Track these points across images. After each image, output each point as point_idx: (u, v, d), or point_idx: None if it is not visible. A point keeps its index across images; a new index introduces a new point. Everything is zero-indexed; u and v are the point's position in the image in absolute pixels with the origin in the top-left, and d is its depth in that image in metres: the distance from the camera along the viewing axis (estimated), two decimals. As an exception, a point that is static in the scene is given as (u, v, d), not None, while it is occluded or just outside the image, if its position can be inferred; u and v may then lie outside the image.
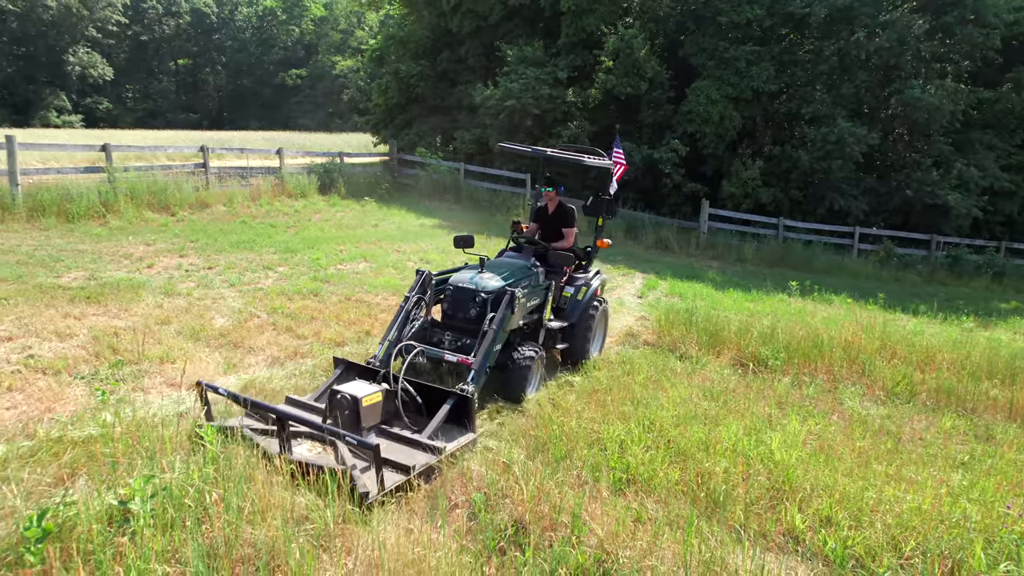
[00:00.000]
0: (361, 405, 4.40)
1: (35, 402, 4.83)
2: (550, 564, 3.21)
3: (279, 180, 17.74)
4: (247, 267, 9.80)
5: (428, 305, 5.94)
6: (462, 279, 5.85)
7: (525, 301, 5.74)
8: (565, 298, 6.73)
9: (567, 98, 21.07)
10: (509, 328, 5.49)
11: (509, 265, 6.22)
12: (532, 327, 6.24)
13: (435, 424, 4.53)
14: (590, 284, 6.84)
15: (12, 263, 8.77)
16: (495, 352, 5.30)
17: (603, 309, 7.03)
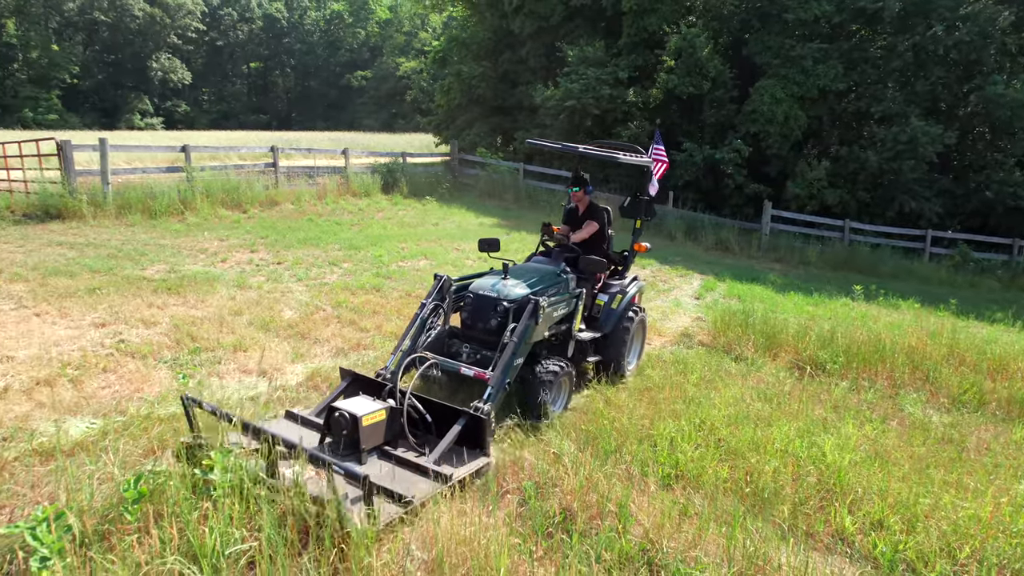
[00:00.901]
0: (361, 425, 3.99)
1: (126, 383, 5.26)
2: (596, 550, 3.34)
3: (344, 179, 18.34)
4: (313, 263, 10.24)
5: (446, 313, 5.53)
6: (483, 286, 5.44)
7: (551, 311, 5.27)
8: (598, 306, 6.28)
9: (627, 98, 21.01)
10: (533, 340, 5.04)
11: (536, 271, 5.79)
12: (560, 339, 5.75)
13: (443, 447, 4.11)
14: (626, 291, 6.37)
15: (103, 256, 9.45)
16: (516, 367, 4.83)
17: (640, 319, 6.52)
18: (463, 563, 3.04)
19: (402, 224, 15.40)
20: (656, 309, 9.55)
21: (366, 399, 4.30)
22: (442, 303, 5.48)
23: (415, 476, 3.89)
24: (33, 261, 8.83)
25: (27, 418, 4.50)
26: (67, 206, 12.24)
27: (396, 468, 4.01)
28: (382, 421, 4.15)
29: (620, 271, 6.68)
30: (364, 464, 3.99)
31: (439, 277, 5.52)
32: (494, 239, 6.13)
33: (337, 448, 4.09)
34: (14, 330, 6.19)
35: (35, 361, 5.49)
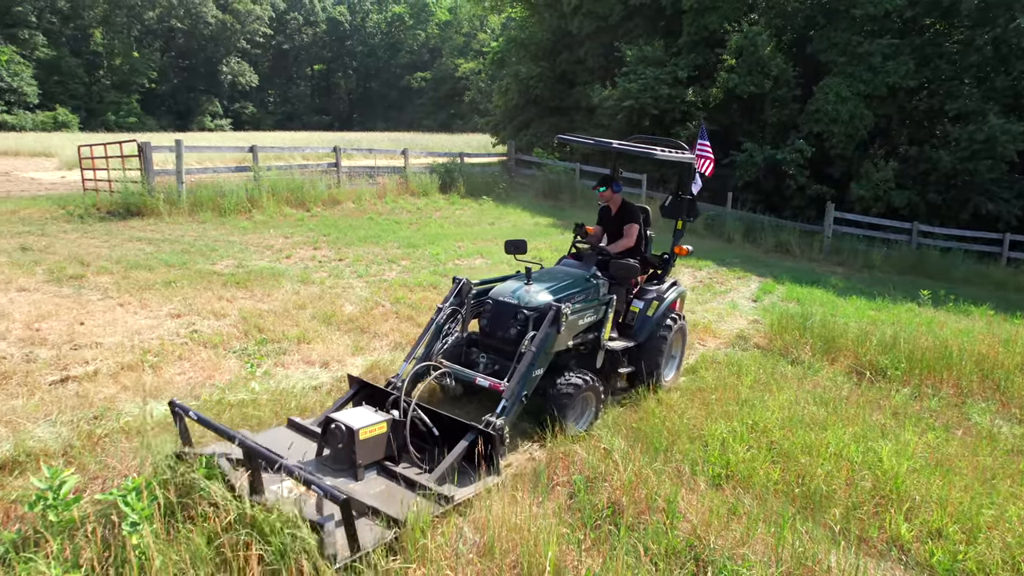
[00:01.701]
0: (357, 438, 3.74)
1: (199, 370, 5.60)
2: (643, 543, 3.40)
3: (403, 179, 18.76)
4: (373, 260, 10.55)
5: (465, 319, 5.26)
6: (503, 292, 5.17)
7: (576, 319, 4.91)
8: (632, 313, 5.87)
9: (687, 98, 20.78)
10: (554, 350, 4.73)
11: (562, 275, 5.45)
12: (589, 348, 5.37)
13: (446, 465, 3.82)
14: (664, 297, 5.95)
15: (178, 251, 9.99)
16: (534, 378, 4.51)
17: (680, 327, 6.06)
18: (513, 549, 3.16)
19: (459, 223, 15.66)
20: (712, 311, 9.47)
21: (367, 410, 4.07)
22: (460, 308, 5.25)
23: (414, 496, 3.58)
24: (117, 255, 9.42)
25: (114, 399, 4.86)
26: (146, 204, 12.96)
27: (394, 486, 3.74)
28: (382, 435, 3.90)
29: (660, 275, 6.32)
30: (361, 480, 3.76)
31: (457, 280, 5.30)
32: (521, 240, 5.82)
33: (333, 462, 3.86)
34: (101, 319, 6.64)
35: (120, 348, 5.89)
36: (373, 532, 3.23)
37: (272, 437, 4.13)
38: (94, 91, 58.64)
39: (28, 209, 13.16)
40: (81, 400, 4.80)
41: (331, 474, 3.76)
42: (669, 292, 6.06)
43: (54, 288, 7.58)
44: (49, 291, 7.45)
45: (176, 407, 3.70)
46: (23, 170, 22.16)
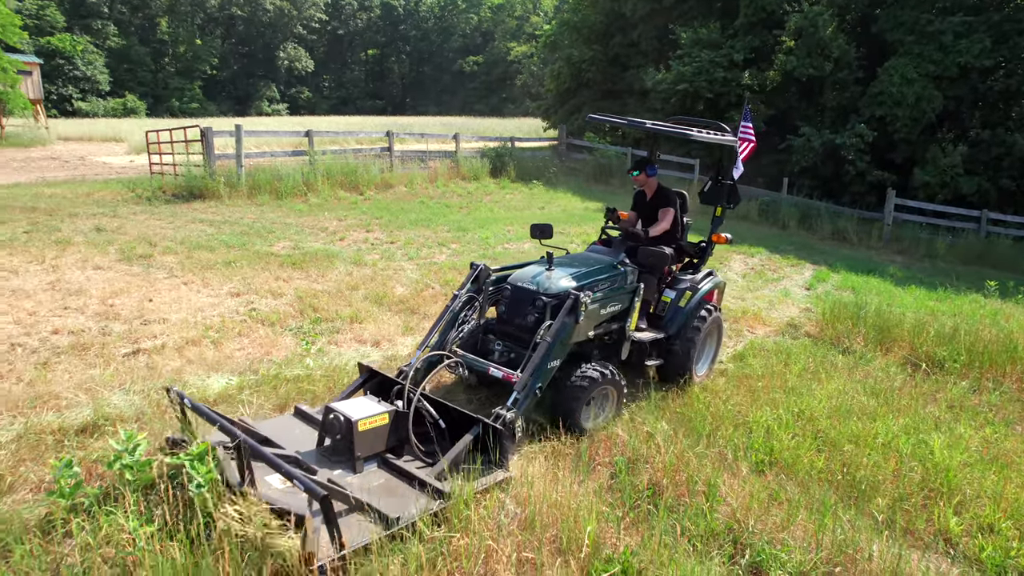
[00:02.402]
0: (356, 430, 3.62)
1: (257, 346, 5.87)
2: (682, 524, 3.46)
3: (454, 163, 18.94)
4: (424, 243, 10.75)
5: (482, 306, 5.04)
6: (522, 277, 4.97)
7: (597, 308, 4.74)
8: (664, 304, 5.60)
9: (742, 81, 20.29)
10: (573, 340, 4.55)
11: (587, 261, 5.22)
12: (614, 339, 5.18)
13: (449, 459, 3.67)
14: (698, 288, 5.65)
15: (237, 233, 10.39)
16: (550, 369, 4.33)
17: (714, 319, 5.74)
18: (553, 524, 3.26)
19: (509, 207, 15.75)
20: (762, 298, 9.34)
21: (370, 401, 3.97)
22: (478, 295, 5.03)
23: (413, 491, 3.49)
24: (181, 236, 9.86)
25: (180, 372, 5.15)
26: (207, 187, 13.47)
27: (394, 480, 3.64)
28: (383, 426, 3.76)
29: (696, 264, 6.04)
30: (360, 473, 3.65)
31: (475, 266, 5.09)
32: (547, 224, 5.54)
33: (332, 453, 3.77)
34: (167, 296, 7.01)
35: (184, 324, 6.22)
36: (362, 529, 3.06)
37: (277, 425, 4.09)
38: (160, 78, 60.86)
39: (101, 192, 13.85)
40: (150, 371, 5.11)
41: (329, 465, 3.63)
42: (704, 282, 5.74)
43: (125, 267, 8.01)
44: (121, 269, 7.88)
45: (173, 393, 3.63)
46: (96, 154, 23.26)
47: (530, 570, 2.99)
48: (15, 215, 10.66)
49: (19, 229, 9.57)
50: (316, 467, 3.47)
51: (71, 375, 4.97)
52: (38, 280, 7.20)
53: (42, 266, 7.75)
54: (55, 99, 49.43)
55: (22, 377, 4.88)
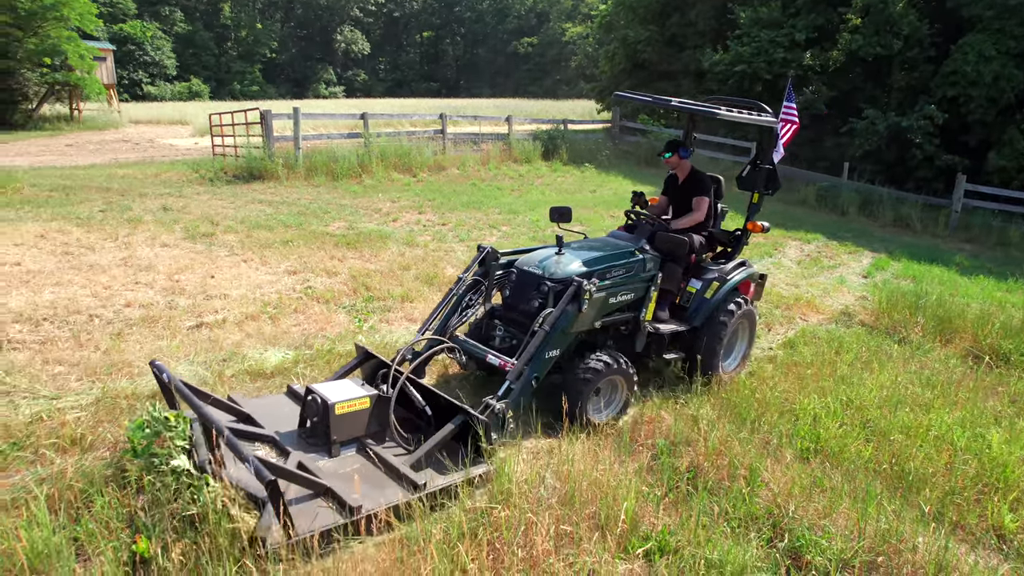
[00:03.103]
0: (332, 413, 3.54)
1: (312, 323, 6.10)
2: (720, 506, 3.48)
3: (507, 146, 18.98)
4: (474, 225, 10.87)
5: (488, 290, 4.91)
6: (529, 261, 4.77)
7: (605, 296, 4.50)
8: (689, 295, 5.31)
9: (803, 61, 19.61)
10: (575, 330, 4.35)
11: (602, 247, 4.98)
12: (629, 329, 4.93)
13: (425, 449, 3.57)
14: (727, 278, 5.33)
15: (294, 213, 10.72)
16: (548, 359, 4.14)
17: (745, 313, 5.39)
18: (592, 500, 3.34)
19: (560, 190, 15.73)
20: (817, 285, 9.13)
21: (353, 384, 3.86)
22: (484, 278, 4.91)
23: (387, 479, 3.42)
24: (241, 216, 10.24)
25: (239, 345, 5.41)
26: (266, 168, 13.91)
27: (369, 467, 3.54)
28: (363, 411, 3.67)
29: (730, 253, 5.69)
30: (335, 457, 3.59)
31: (482, 248, 4.95)
32: (565, 208, 5.28)
33: (310, 435, 3.73)
34: (228, 273, 7.33)
35: (244, 300, 6.50)
36: (320, 516, 3.00)
37: (265, 403, 4.07)
38: (222, 62, 62.63)
39: (168, 172, 14.47)
40: (212, 343, 5.39)
41: (306, 448, 3.60)
42: (735, 273, 5.39)
43: (189, 244, 8.39)
44: (186, 247, 8.26)
45: (155, 368, 3.65)
46: (163, 137, 24.21)
47: (568, 543, 3.08)
48: (92, 195, 11.25)
49: (95, 208, 10.10)
50: (291, 448, 3.47)
51: (141, 345, 5.28)
52: (112, 256, 7.62)
53: (116, 243, 8.19)
54: (126, 84, 51.45)
55: (99, 346, 5.21)
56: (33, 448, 3.61)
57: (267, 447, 3.57)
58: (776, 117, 5.56)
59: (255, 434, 3.58)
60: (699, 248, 5.35)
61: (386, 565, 2.79)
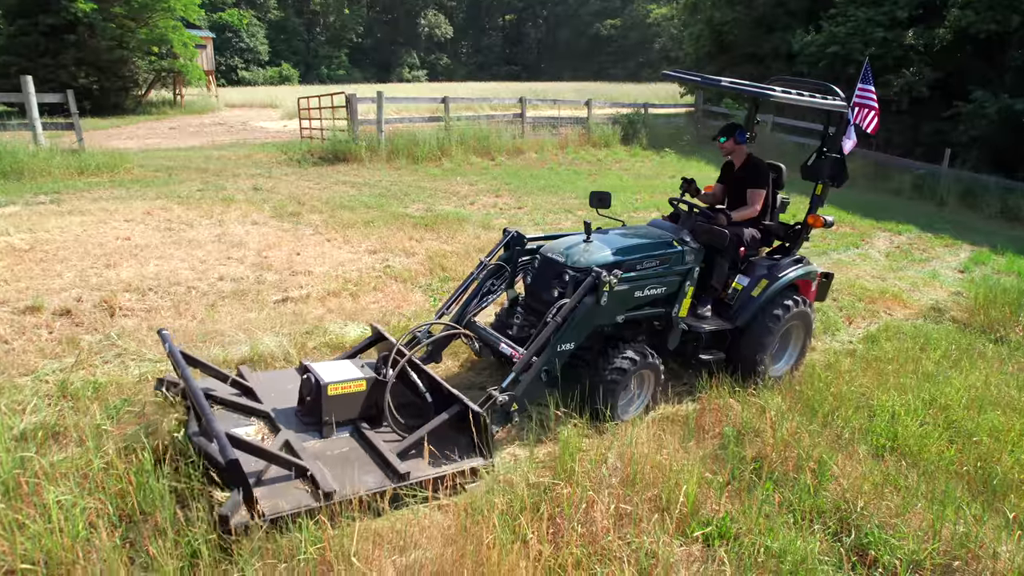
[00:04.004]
0: (325, 393, 3.51)
1: (390, 300, 6.35)
2: (784, 496, 3.45)
3: (585, 130, 18.86)
4: (550, 209, 10.92)
5: (511, 276, 4.76)
6: (554, 247, 4.54)
7: (629, 289, 4.26)
8: (735, 291, 4.96)
9: (905, 41, 18.47)
10: (594, 323, 4.13)
11: (636, 236, 4.71)
12: (663, 324, 4.68)
13: (415, 438, 3.48)
14: (778, 276, 4.92)
15: (376, 195, 11.08)
16: (561, 352, 3.95)
17: (798, 314, 5.01)
18: (654, 483, 3.38)
19: (638, 176, 15.53)
20: (905, 279, 8.70)
21: (352, 365, 3.81)
22: (508, 264, 4.75)
23: (372, 465, 3.34)
24: (326, 196, 10.68)
25: (321, 319, 5.71)
26: (350, 151, 14.38)
27: (359, 451, 3.47)
28: (358, 393, 3.61)
29: (789, 248, 5.32)
30: (327, 438, 3.54)
31: (507, 232, 4.79)
32: (605, 193, 5.03)
33: (305, 414, 3.69)
34: (313, 251, 7.69)
35: (327, 277, 6.82)
36: (290, 498, 2.96)
37: (272, 378, 4.07)
38: (311, 47, 64.79)
39: (259, 154, 15.19)
40: (296, 317, 5.70)
41: (299, 427, 3.58)
42: (788, 270, 4.99)
43: (277, 223, 8.84)
44: (274, 225, 8.71)
45: (161, 336, 3.73)
46: (255, 120, 25.37)
47: (627, 522, 3.14)
48: (191, 175, 12.00)
49: (194, 187, 10.77)
50: (282, 426, 3.49)
51: (232, 317, 5.65)
52: (208, 232, 8.14)
53: (211, 220, 8.73)
54: (223, 69, 54.01)
55: (196, 316, 5.62)
56: (140, 404, 3.96)
57: (261, 423, 3.59)
58: (847, 101, 5.13)
59: (251, 408, 3.61)
60: (750, 242, 5.02)
61: (451, 532, 2.93)
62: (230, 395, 3.73)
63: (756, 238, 5.09)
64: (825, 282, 5.48)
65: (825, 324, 6.62)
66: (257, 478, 3.03)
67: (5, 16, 25.56)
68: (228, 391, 3.77)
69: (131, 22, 26.05)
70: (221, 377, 3.85)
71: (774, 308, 4.87)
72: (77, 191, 9.96)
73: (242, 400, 3.70)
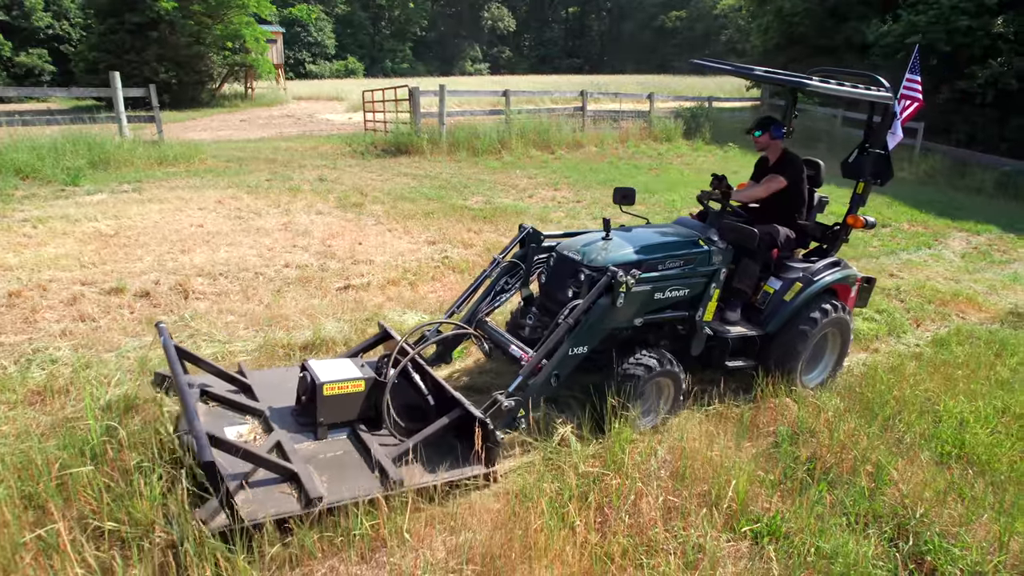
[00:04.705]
0: (320, 393, 3.36)
1: (447, 290, 6.47)
2: (838, 498, 3.38)
3: (647, 124, 18.65)
4: (608, 203, 10.87)
5: (526, 274, 4.55)
6: (571, 245, 4.34)
7: (650, 290, 4.00)
8: (766, 295, 4.66)
9: (992, 28, 17.48)
10: (608, 326, 3.85)
11: (659, 234, 4.44)
12: (687, 329, 4.40)
13: (412, 443, 3.29)
14: (812, 279, 4.61)
15: (436, 187, 11.27)
16: (572, 356, 3.69)
17: (835, 320, 4.68)
18: (704, 479, 3.37)
19: (700, 171, 15.26)
20: (982, 281, 8.31)
21: (352, 364, 3.65)
22: (523, 261, 4.55)
23: (365, 470, 3.20)
24: (387, 187, 10.93)
25: (381, 307, 5.88)
26: (412, 143, 14.65)
27: (354, 455, 3.33)
28: (357, 394, 3.45)
29: (827, 250, 5.02)
30: (322, 440, 3.42)
31: (523, 228, 4.58)
32: (629, 189, 4.74)
33: (301, 413, 3.56)
34: (375, 241, 7.91)
35: (387, 266, 7.01)
36: (274, 503, 2.84)
37: (273, 376, 3.97)
38: (376, 41, 66.08)
39: (324, 146, 15.65)
40: (357, 304, 5.89)
41: (295, 427, 3.46)
42: (824, 274, 4.67)
43: (341, 213, 9.11)
44: (338, 215, 8.98)
45: (158, 328, 3.64)
46: (321, 112, 26.08)
47: (675, 516, 3.15)
48: (260, 166, 12.47)
49: (262, 177, 11.20)
50: (276, 426, 3.38)
51: (297, 302, 5.88)
52: (275, 221, 8.46)
53: (278, 209, 9.07)
54: (292, 63, 55.68)
55: (262, 300, 5.88)
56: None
57: (257, 421, 3.51)
58: (893, 93, 4.74)
59: (246, 407, 3.54)
60: (784, 242, 4.73)
61: (502, 517, 3.00)
62: (227, 392, 3.64)
63: (791, 238, 4.82)
64: (867, 287, 5.17)
65: (891, 326, 6.40)
66: (243, 479, 2.92)
67: (97, 15, 27.08)
68: (226, 388, 3.69)
69: (208, 19, 27.17)
70: (219, 374, 3.74)
71: (808, 314, 4.57)
72: (156, 180, 10.50)
73: (239, 398, 3.61)
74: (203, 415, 3.30)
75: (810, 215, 5.13)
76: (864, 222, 4.81)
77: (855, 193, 4.92)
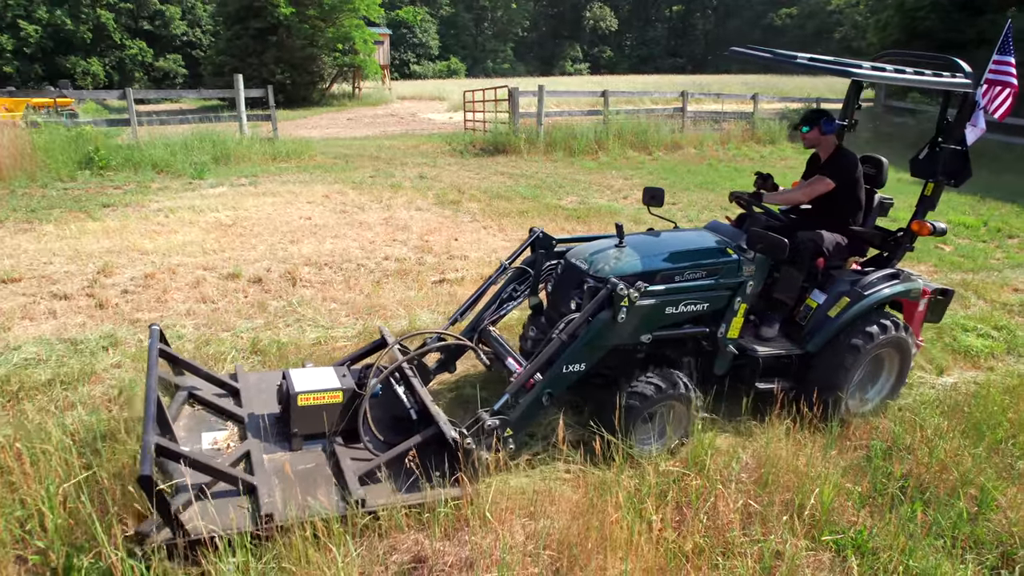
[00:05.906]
0: (294, 404, 3.23)
1: (537, 287, 6.60)
2: (934, 518, 3.23)
3: (750, 125, 18.09)
4: (705, 205, 10.68)
5: (535, 281, 4.25)
6: (580, 252, 4.00)
7: (660, 304, 3.59)
8: (808, 309, 4.16)
9: None
10: (609, 343, 3.47)
11: (678, 242, 4.07)
12: (712, 346, 3.96)
13: (382, 460, 3.13)
14: (864, 293, 4.05)
15: (532, 186, 11.44)
16: (568, 374, 3.37)
17: (892, 340, 4.11)
18: (787, 487, 3.31)
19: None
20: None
21: (332, 373, 3.48)
22: (531, 267, 4.27)
23: (333, 486, 3.06)
24: (484, 186, 11.20)
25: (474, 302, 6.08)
26: (510, 143, 14.91)
27: (324, 469, 3.19)
28: (332, 405, 3.30)
29: (885, 260, 4.46)
30: (296, 451, 3.29)
31: (534, 232, 4.34)
32: (658, 189, 4.45)
33: (280, 422, 3.44)
34: (470, 237, 8.15)
35: (481, 261, 7.22)
36: (225, 516, 2.69)
37: (265, 380, 3.85)
38: (479, 41, 67.34)
39: (425, 144, 16.19)
40: (451, 298, 6.11)
41: (272, 436, 3.35)
42: (880, 287, 4.11)
43: (439, 209, 9.44)
44: (436, 211, 9.31)
45: (151, 330, 3.57)
46: (423, 112, 26.94)
47: (754, 520, 3.12)
48: (365, 163, 13.09)
49: (366, 174, 11.77)
50: (251, 435, 3.30)
51: (394, 293, 6.18)
52: (377, 215, 8.89)
53: (380, 204, 9.51)
54: (397, 64, 57.68)
55: (363, 290, 6.23)
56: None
57: (235, 428, 3.43)
58: (974, 79, 4.15)
59: (228, 412, 3.47)
60: (833, 250, 4.22)
61: (580, 507, 3.08)
62: (213, 396, 3.57)
63: (841, 245, 4.28)
64: (942, 300, 4.53)
65: (1010, 344, 5.95)
66: (202, 489, 2.81)
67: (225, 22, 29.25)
68: (213, 392, 3.63)
69: (321, 22, 28.69)
70: (209, 378, 3.69)
71: (856, 332, 4.02)
72: (270, 175, 11.27)
73: (223, 403, 3.53)
74: (186, 419, 3.32)
75: (868, 219, 4.59)
76: (931, 228, 4.23)
77: (923, 195, 4.34)
